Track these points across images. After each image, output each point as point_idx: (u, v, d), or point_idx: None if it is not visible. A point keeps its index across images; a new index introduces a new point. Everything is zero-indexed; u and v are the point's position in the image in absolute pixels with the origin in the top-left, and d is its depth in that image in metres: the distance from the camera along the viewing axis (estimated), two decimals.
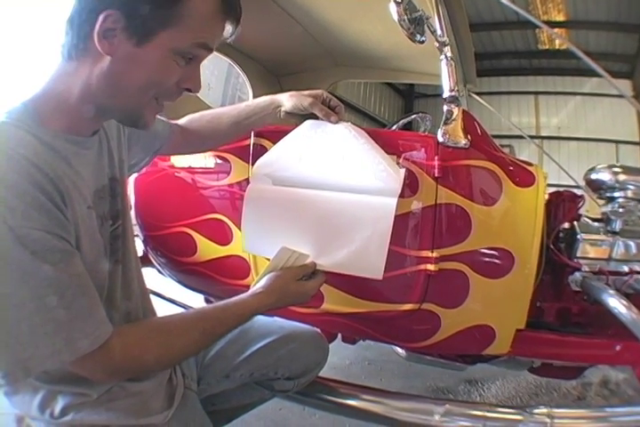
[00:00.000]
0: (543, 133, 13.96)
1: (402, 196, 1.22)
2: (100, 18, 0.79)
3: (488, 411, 1.34)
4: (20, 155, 0.76)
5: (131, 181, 1.71)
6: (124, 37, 0.81)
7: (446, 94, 1.37)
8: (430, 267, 1.30)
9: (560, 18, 11.90)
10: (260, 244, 1.37)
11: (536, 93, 14.40)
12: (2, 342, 0.76)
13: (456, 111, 1.35)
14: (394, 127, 2.42)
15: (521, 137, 4.92)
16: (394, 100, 16.30)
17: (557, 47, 13.13)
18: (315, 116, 1.31)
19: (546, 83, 14.20)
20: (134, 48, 0.82)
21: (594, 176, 1.72)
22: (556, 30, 11.76)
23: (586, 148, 13.21)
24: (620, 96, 2.07)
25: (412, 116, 2.48)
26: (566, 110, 14.01)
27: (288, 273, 1.17)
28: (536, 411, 1.30)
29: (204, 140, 1.39)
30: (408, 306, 1.35)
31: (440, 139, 1.31)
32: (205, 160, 1.57)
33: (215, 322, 0.99)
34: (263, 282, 1.13)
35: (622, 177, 1.65)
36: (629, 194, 1.65)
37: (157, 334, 0.93)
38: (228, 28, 0.92)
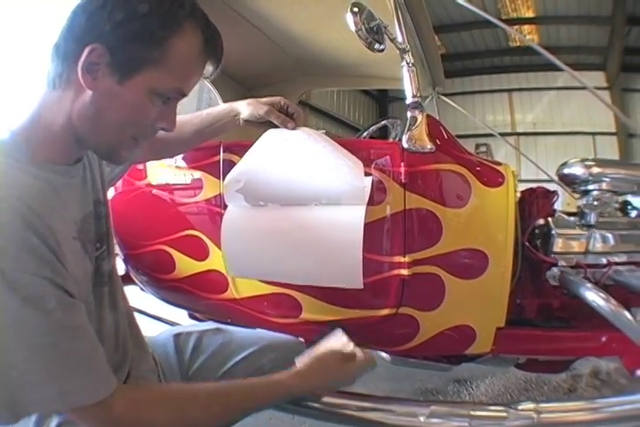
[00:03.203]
0: (519, 130, 14.01)
1: (370, 203, 1.23)
2: (86, 51, 0.78)
3: (473, 409, 1.34)
4: (13, 196, 0.74)
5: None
6: (107, 73, 0.80)
7: (409, 100, 1.40)
8: (404, 272, 1.31)
9: (530, 14, 12.00)
10: (243, 267, 1.39)
11: (510, 91, 14.47)
12: None
13: (420, 117, 1.37)
14: (364, 135, 2.43)
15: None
16: (367, 105, 16.28)
17: (528, 44, 13.22)
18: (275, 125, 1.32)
19: (519, 79, 14.25)
20: (116, 85, 0.82)
21: (566, 171, 1.71)
22: (526, 27, 11.90)
23: (563, 141, 13.26)
24: (596, 88, 2.08)
25: (382, 122, 2.49)
26: (541, 105, 14.06)
27: (331, 355, 1.11)
28: (521, 407, 1.28)
29: (168, 148, 1.39)
30: (385, 311, 1.37)
31: (405, 145, 1.33)
32: (178, 178, 1.58)
33: (242, 397, 0.95)
34: (306, 361, 1.10)
35: (595, 170, 1.64)
36: (604, 186, 1.64)
37: (170, 400, 0.89)
38: (209, 68, 0.92)
